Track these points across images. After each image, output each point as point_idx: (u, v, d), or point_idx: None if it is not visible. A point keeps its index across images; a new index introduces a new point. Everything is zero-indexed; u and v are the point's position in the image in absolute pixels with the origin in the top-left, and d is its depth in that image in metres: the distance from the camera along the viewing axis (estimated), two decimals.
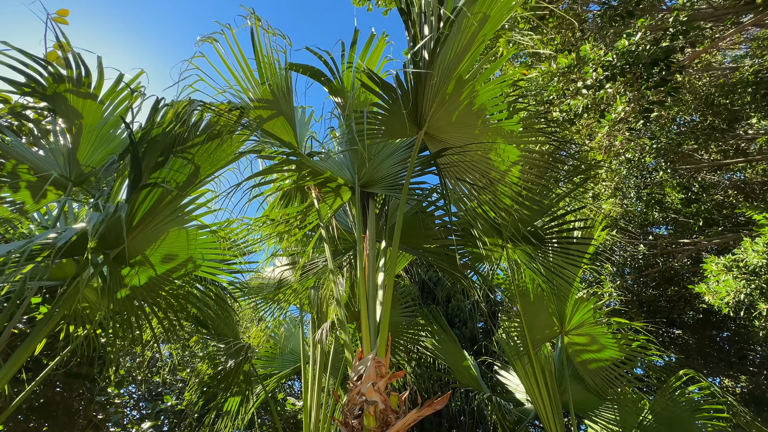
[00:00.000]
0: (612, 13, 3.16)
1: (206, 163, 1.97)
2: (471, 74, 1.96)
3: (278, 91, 2.34)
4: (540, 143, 2.28)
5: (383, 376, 1.66)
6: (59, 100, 2.04)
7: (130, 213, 1.82)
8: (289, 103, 2.43)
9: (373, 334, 1.78)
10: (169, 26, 26.81)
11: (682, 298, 7.00)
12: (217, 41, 2.14)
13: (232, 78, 2.24)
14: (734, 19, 3.93)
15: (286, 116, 2.41)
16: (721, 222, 6.39)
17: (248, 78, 2.27)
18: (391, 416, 1.60)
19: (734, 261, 4.08)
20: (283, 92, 2.36)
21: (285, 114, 2.40)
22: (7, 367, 1.58)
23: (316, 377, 2.90)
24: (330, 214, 2.70)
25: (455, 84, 1.96)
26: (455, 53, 1.85)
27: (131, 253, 2.04)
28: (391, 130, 2.23)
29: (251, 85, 2.29)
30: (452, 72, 1.91)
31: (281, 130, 2.44)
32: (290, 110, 2.44)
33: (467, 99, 2.02)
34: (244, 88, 2.29)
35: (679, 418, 2.93)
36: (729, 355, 7.29)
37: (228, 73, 2.23)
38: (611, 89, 2.96)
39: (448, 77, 1.93)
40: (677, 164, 6.04)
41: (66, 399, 3.36)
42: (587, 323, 3.05)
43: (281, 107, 2.38)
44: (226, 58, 2.17)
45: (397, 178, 2.43)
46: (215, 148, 1.94)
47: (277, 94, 2.34)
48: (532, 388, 2.86)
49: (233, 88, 2.26)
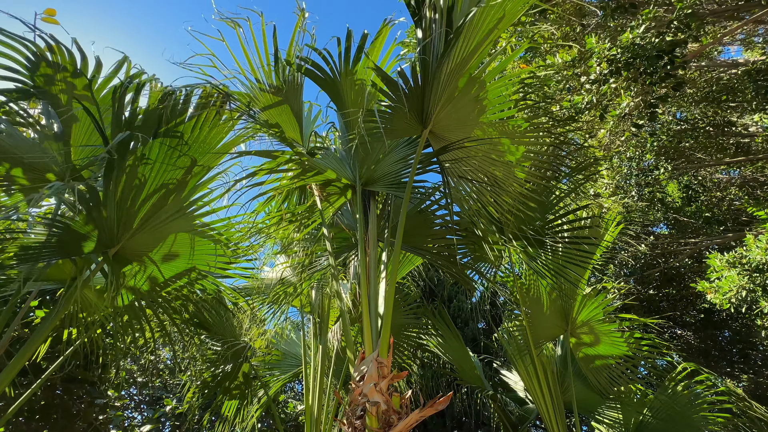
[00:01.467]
0: (615, 5, 3.12)
1: (199, 152, 1.92)
2: (479, 71, 1.94)
3: (287, 84, 2.33)
4: (545, 141, 2.26)
5: (385, 376, 1.64)
6: (53, 88, 2.01)
7: (123, 203, 1.80)
8: (298, 98, 2.41)
9: (375, 335, 1.76)
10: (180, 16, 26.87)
11: (684, 297, 6.98)
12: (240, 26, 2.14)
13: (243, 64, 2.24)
14: (737, 15, 3.92)
15: (294, 111, 2.39)
16: (723, 220, 6.37)
17: (262, 69, 2.26)
18: (394, 417, 1.59)
19: (738, 258, 4.06)
20: (292, 86, 2.35)
21: (292, 109, 2.38)
22: (8, 370, 1.57)
23: (318, 379, 2.88)
24: (332, 213, 2.68)
25: (464, 82, 1.94)
26: (466, 51, 1.83)
27: (132, 254, 2.02)
28: (396, 128, 2.21)
29: (263, 76, 2.29)
30: (462, 70, 1.89)
31: (287, 124, 2.42)
32: (298, 106, 2.43)
33: (474, 97, 2.00)
34: (252, 84, 2.29)
35: (681, 414, 2.91)
36: (731, 355, 7.26)
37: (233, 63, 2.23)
38: (615, 84, 2.93)
39: (457, 75, 1.91)
40: (677, 162, 6.03)
41: (66, 402, 3.34)
42: (594, 321, 3.02)
43: (290, 101, 2.36)
44: (246, 43, 2.17)
45: (398, 175, 2.41)
46: (208, 133, 1.90)
47: (286, 87, 2.33)
48: (534, 388, 2.84)
49: (244, 74, 2.26)
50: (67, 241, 1.82)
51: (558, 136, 2.24)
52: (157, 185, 1.86)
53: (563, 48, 3.19)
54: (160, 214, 1.93)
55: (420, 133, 2.18)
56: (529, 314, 3.03)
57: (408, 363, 3.71)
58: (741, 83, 4.84)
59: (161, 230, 1.98)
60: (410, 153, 2.35)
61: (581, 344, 3.16)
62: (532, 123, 2.13)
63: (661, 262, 6.90)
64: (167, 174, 1.86)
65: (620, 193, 5.59)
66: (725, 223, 6.36)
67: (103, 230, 1.82)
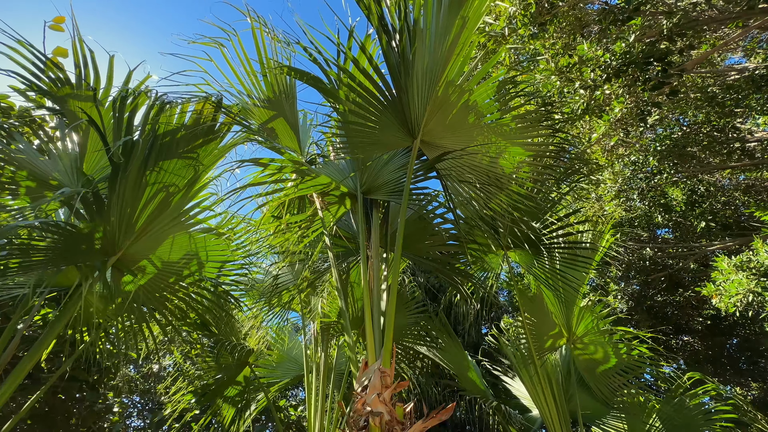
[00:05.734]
0: (612, 17, 3.16)
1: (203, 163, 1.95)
2: (462, 78, 1.95)
3: (281, 95, 2.35)
4: (539, 144, 2.26)
5: (388, 386, 1.63)
6: (66, 105, 2.05)
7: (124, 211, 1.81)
8: (293, 107, 2.42)
9: (378, 343, 1.75)
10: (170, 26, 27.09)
11: (690, 303, 6.90)
12: (224, 46, 2.16)
13: (237, 79, 2.25)
14: (738, 23, 3.92)
15: (289, 121, 2.41)
16: (728, 225, 6.31)
17: (252, 82, 2.28)
18: (397, 427, 1.57)
19: (745, 261, 4.01)
20: (285, 96, 2.36)
21: (287, 118, 2.39)
22: (14, 376, 1.58)
23: (320, 387, 2.87)
24: (333, 222, 2.68)
25: (445, 89, 1.95)
26: (438, 57, 1.84)
27: (134, 259, 2.03)
28: (388, 141, 2.21)
29: (255, 88, 2.30)
30: (437, 77, 1.90)
31: (284, 134, 2.43)
32: (293, 115, 2.44)
33: (462, 104, 2.01)
34: (246, 89, 2.30)
35: (687, 424, 2.87)
36: (739, 362, 7.15)
37: (231, 74, 2.24)
38: (609, 90, 2.95)
39: (434, 82, 1.91)
40: (681, 166, 5.99)
41: (66, 406, 3.34)
42: (593, 332, 3.00)
43: (284, 111, 2.38)
44: (231, 60, 2.19)
45: (398, 184, 2.41)
46: (212, 149, 1.93)
47: (280, 97, 2.35)
48: (539, 397, 2.81)
49: (237, 90, 2.27)
50: (73, 247, 1.84)
51: (549, 137, 2.24)
52: (158, 193, 1.87)
53: (562, 57, 3.21)
54: (162, 219, 1.95)
55: (411, 143, 2.18)
56: (532, 322, 3.00)
57: (409, 372, 3.69)
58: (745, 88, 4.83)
59: (160, 238, 2.00)
60: (408, 160, 2.36)
61: (583, 354, 3.13)
62: (525, 125, 2.13)
63: (667, 266, 6.84)
64: (169, 179, 1.88)
65: (623, 197, 5.57)
66: (730, 227, 6.30)
67: (106, 237, 1.84)
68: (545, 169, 2.32)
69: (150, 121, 1.75)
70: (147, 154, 1.75)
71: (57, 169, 2.03)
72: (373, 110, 2.02)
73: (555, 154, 2.28)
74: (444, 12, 1.79)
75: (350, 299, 3.25)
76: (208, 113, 1.89)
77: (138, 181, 1.77)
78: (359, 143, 2.21)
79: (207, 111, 1.89)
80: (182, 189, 1.93)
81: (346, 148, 2.45)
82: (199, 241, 2.16)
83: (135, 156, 1.70)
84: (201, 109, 1.88)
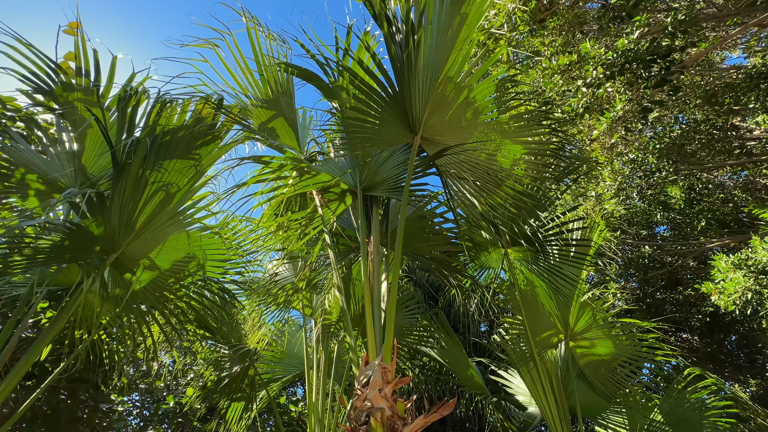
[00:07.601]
0: (612, 15, 3.17)
1: (202, 162, 1.96)
2: (463, 75, 1.95)
3: (279, 93, 2.34)
4: (540, 142, 2.27)
5: (389, 382, 1.63)
6: (68, 104, 2.05)
7: (125, 210, 1.82)
8: (291, 105, 2.42)
9: (379, 340, 1.76)
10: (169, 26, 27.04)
11: (689, 301, 6.92)
12: (219, 47, 2.15)
13: (233, 80, 2.25)
14: (737, 20, 3.92)
15: (288, 119, 2.40)
16: (727, 223, 6.33)
17: (250, 81, 2.27)
18: (398, 423, 1.58)
19: (743, 259, 4.02)
20: (283, 94, 2.36)
21: (286, 117, 2.39)
22: (14, 373, 1.58)
23: (321, 383, 2.87)
24: (333, 219, 2.69)
25: (446, 86, 1.95)
26: (438, 55, 1.85)
27: (135, 257, 2.04)
28: (389, 138, 2.21)
29: (252, 87, 2.30)
30: (438, 74, 1.90)
31: (283, 133, 2.43)
32: (292, 113, 2.44)
33: (462, 100, 2.01)
34: (242, 87, 2.30)
35: (687, 419, 2.88)
36: (738, 359, 7.18)
37: (228, 75, 2.24)
38: (611, 88, 2.95)
39: (435, 79, 1.92)
40: (680, 164, 6.01)
41: (70, 406, 3.34)
42: (593, 327, 3.01)
43: (282, 109, 2.37)
44: (228, 60, 2.19)
45: (398, 180, 2.41)
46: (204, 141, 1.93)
47: (278, 96, 2.34)
48: (539, 394, 2.82)
49: (233, 89, 2.27)
50: (75, 245, 1.84)
51: (550, 135, 2.24)
52: (158, 192, 1.87)
53: (563, 54, 3.21)
54: (161, 217, 1.95)
55: (412, 140, 2.18)
56: (531, 319, 3.01)
57: (407, 369, 3.70)
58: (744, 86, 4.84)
59: (159, 236, 2.00)
60: (409, 157, 2.36)
61: (582, 349, 3.14)
62: (526, 123, 2.14)
63: (666, 264, 6.86)
64: (169, 178, 1.89)
65: (622, 195, 5.58)
66: (729, 225, 6.32)
67: (106, 235, 1.84)
68: (545, 167, 2.32)
69: (151, 120, 1.75)
70: (147, 153, 1.75)
71: (58, 169, 2.03)
72: (375, 105, 2.02)
73: (554, 152, 2.29)
74: (446, 7, 1.79)
75: (352, 299, 3.26)
76: (208, 113, 1.90)
77: (138, 179, 1.77)
78: (359, 139, 2.22)
79: (207, 111, 1.90)
80: (182, 188, 1.94)
81: (345, 144, 2.45)
82: (195, 240, 2.16)
83: (136, 155, 1.70)
84: (201, 109, 1.89)
